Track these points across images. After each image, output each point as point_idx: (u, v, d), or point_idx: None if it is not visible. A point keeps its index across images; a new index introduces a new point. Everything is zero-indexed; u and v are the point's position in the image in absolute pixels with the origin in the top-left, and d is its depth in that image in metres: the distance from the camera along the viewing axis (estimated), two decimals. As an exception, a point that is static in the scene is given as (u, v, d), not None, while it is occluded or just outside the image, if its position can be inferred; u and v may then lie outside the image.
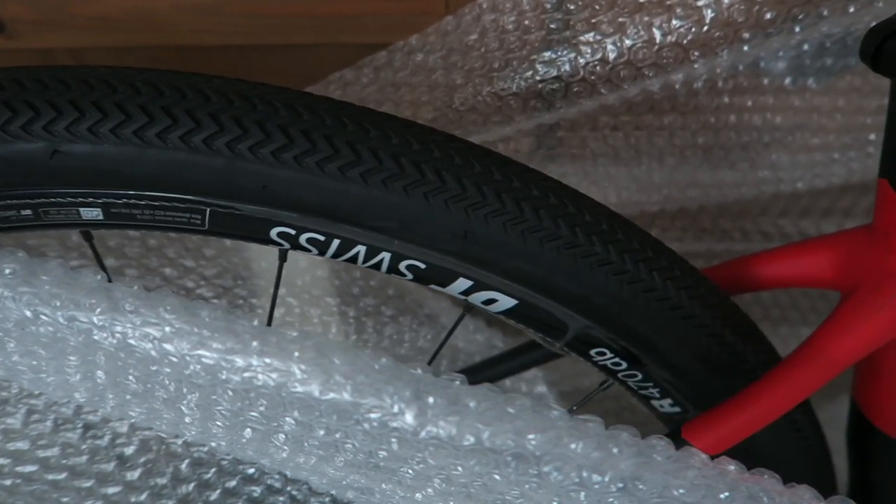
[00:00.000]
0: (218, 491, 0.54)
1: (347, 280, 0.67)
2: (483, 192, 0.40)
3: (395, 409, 0.34)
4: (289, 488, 0.53)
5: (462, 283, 0.44)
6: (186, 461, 0.53)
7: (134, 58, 0.64)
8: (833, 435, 0.61)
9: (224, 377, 0.35)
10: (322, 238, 0.42)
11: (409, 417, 0.34)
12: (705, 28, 0.49)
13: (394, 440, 0.35)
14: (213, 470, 0.53)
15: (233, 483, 0.54)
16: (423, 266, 0.43)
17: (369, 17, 0.59)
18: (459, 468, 0.35)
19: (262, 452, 0.41)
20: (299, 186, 0.39)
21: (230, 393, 0.36)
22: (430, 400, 0.34)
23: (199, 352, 0.35)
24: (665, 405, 0.53)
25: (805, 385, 0.45)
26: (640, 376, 0.50)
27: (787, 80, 0.60)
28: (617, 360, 0.49)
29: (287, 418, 0.37)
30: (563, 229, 0.42)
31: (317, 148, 0.38)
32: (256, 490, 0.54)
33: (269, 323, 0.53)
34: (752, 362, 0.49)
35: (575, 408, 0.60)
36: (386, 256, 0.43)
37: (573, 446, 0.33)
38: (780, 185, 0.64)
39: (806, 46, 0.57)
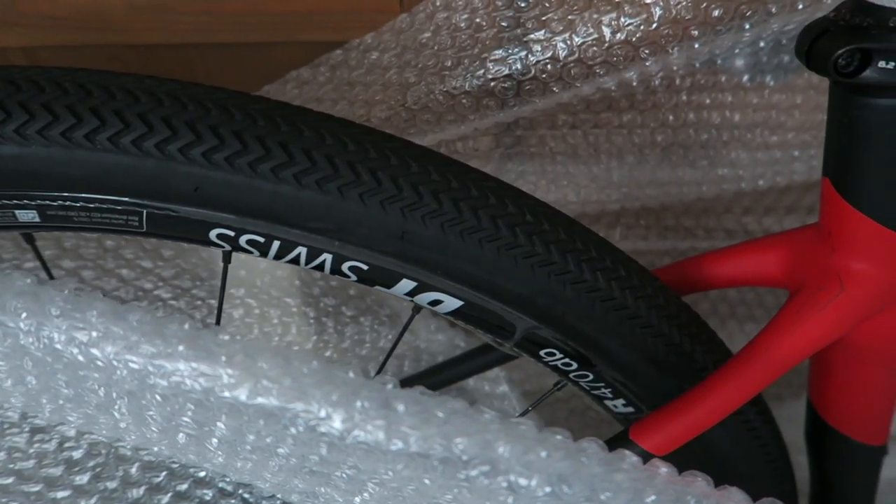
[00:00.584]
0: (169, 494, 0.53)
1: (308, 280, 0.67)
2: (420, 192, 0.40)
3: (322, 413, 0.34)
4: (240, 491, 0.52)
5: (406, 285, 0.44)
6: (136, 465, 0.52)
7: (89, 57, 0.64)
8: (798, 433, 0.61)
9: (152, 382, 0.35)
10: (262, 240, 0.41)
11: (336, 422, 0.34)
12: (654, 25, 0.49)
13: (323, 445, 0.35)
14: (164, 473, 0.53)
15: (184, 486, 0.53)
16: (365, 267, 0.43)
17: (324, 15, 0.59)
18: (390, 473, 0.35)
19: (201, 457, 0.41)
20: (232, 188, 0.38)
21: (158, 398, 0.36)
22: (358, 404, 0.34)
23: (127, 356, 0.35)
24: (618, 405, 0.52)
25: (751, 384, 0.44)
26: (591, 377, 0.50)
27: (745, 78, 0.60)
28: (567, 360, 0.49)
29: (218, 423, 0.36)
30: (503, 230, 0.41)
31: (249, 149, 0.38)
32: (208, 493, 0.53)
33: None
34: (701, 362, 0.48)
35: (530, 408, 0.60)
36: (328, 258, 0.43)
37: (501, 450, 0.33)
38: (740, 182, 0.64)
39: (762, 44, 0.57)
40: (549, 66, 0.51)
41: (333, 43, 0.60)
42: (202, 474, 0.53)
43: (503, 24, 0.52)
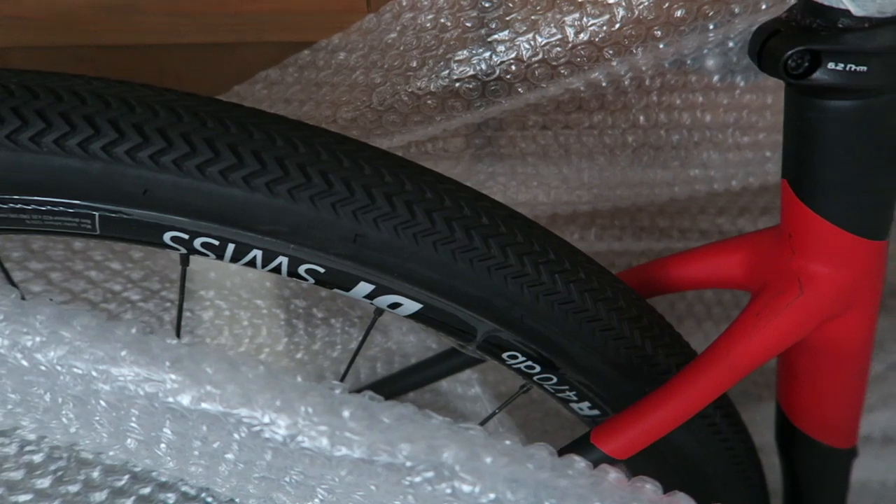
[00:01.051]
0: (132, 498, 0.53)
1: (279, 282, 0.67)
2: (372, 195, 0.39)
3: (266, 419, 0.33)
4: (203, 495, 0.52)
5: (364, 287, 0.43)
6: (98, 468, 0.52)
7: (56, 58, 0.63)
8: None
9: (96, 387, 0.35)
10: (216, 242, 0.41)
11: (279, 428, 0.33)
12: (617, 26, 0.48)
13: (268, 451, 0.34)
14: (127, 477, 0.52)
15: (147, 490, 0.53)
16: (322, 270, 0.42)
17: (291, 16, 0.59)
18: (336, 479, 0.34)
19: (154, 462, 0.41)
20: (182, 191, 0.38)
21: (104, 403, 0.35)
22: (303, 409, 0.34)
23: (71, 361, 0.35)
24: (584, 408, 0.52)
25: (711, 388, 0.44)
26: (555, 379, 0.50)
27: (715, 78, 0.60)
28: (530, 363, 0.48)
29: (164, 429, 0.36)
30: (458, 233, 0.41)
31: (197, 152, 0.37)
32: (171, 497, 0.53)
33: (178, 329, 0.52)
34: (664, 364, 0.48)
35: (497, 411, 0.60)
36: (284, 261, 0.42)
37: (446, 455, 0.33)
38: (713, 183, 0.64)
39: (731, 44, 0.56)
40: (513, 67, 0.51)
41: (302, 43, 0.60)
42: (164, 478, 0.52)
43: (467, 24, 0.51)
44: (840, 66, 0.34)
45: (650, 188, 0.63)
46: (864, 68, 0.34)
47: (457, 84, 0.52)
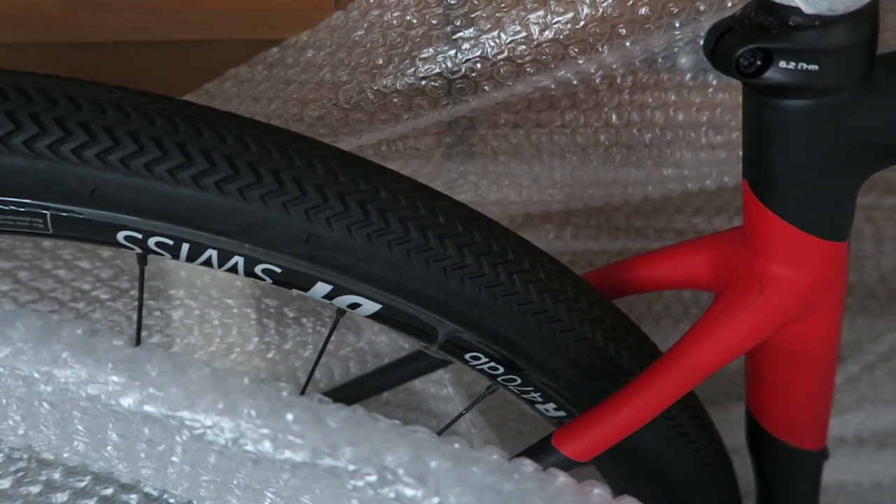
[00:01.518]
0: (94, 499, 0.52)
1: (249, 281, 0.66)
2: (325, 194, 0.39)
3: (208, 421, 0.33)
4: (165, 496, 0.52)
5: (322, 288, 0.43)
6: (59, 469, 0.51)
7: (25, 55, 0.63)
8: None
9: (38, 389, 0.34)
10: (170, 242, 0.40)
11: (222, 431, 0.33)
12: (581, 24, 0.48)
13: (212, 454, 0.34)
14: (89, 478, 0.52)
15: (109, 491, 0.52)
16: (279, 270, 0.42)
17: (259, 13, 0.58)
18: (281, 482, 0.34)
19: (106, 464, 0.40)
20: (130, 190, 0.37)
21: (46, 405, 0.35)
22: (246, 412, 0.33)
23: (13, 362, 0.34)
24: (550, 409, 0.52)
25: (672, 389, 0.44)
26: (519, 381, 0.49)
27: (688, 77, 0.59)
28: (493, 364, 0.48)
29: (109, 431, 0.36)
30: (413, 233, 0.41)
31: (145, 150, 0.37)
32: (133, 498, 0.52)
33: (138, 332, 0.52)
34: (628, 366, 0.48)
35: (464, 412, 0.59)
36: (239, 261, 0.42)
37: (389, 459, 0.32)
38: (687, 183, 0.63)
39: (702, 42, 0.56)
40: (478, 65, 0.50)
41: (271, 41, 0.59)
42: (126, 479, 0.52)
43: (433, 21, 0.51)
44: (792, 65, 0.34)
45: (623, 187, 0.62)
46: (816, 67, 0.33)
47: (423, 82, 0.52)
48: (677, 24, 0.48)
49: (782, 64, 0.34)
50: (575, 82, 0.56)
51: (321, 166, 0.39)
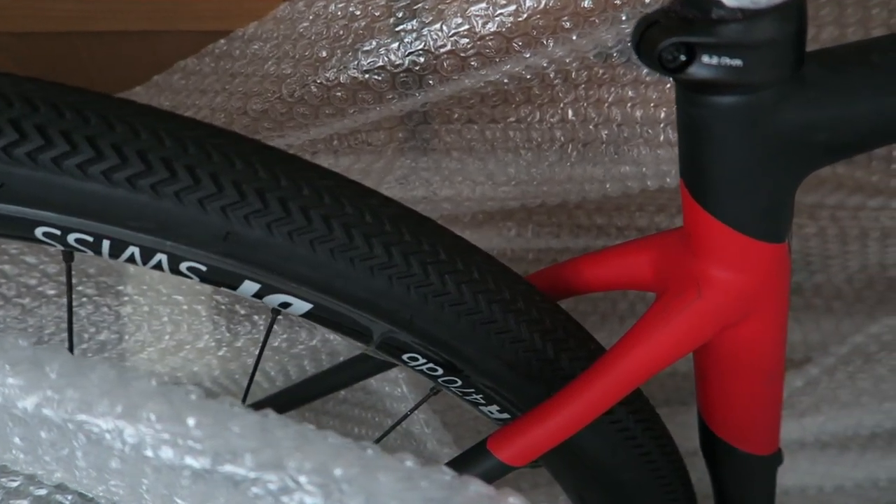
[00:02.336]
0: (28, 499, 0.51)
1: (200, 277, 0.65)
2: (242, 191, 0.38)
3: (106, 425, 0.32)
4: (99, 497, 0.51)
5: (250, 286, 0.42)
6: (-9, 470, 0.50)
7: (-31, 45, 0.62)
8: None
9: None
10: (90, 239, 0.39)
11: (121, 436, 0.32)
12: (524, 16, 0.47)
13: (113, 459, 0.33)
14: (21, 478, 0.51)
15: (42, 492, 0.51)
16: (203, 268, 0.41)
17: (205, 3, 0.57)
18: (185, 489, 0.33)
19: (18, 467, 0.39)
20: (38, 185, 0.36)
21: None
22: (146, 416, 0.32)
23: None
24: (493, 411, 0.50)
25: (608, 393, 0.42)
26: (459, 382, 0.48)
27: (645, 72, 0.58)
28: (431, 365, 0.47)
29: (13, 435, 0.35)
30: (337, 231, 0.39)
31: (52, 144, 0.35)
32: (68, 498, 0.51)
33: (70, 334, 0.50)
34: (567, 368, 0.46)
35: (409, 413, 0.58)
36: (163, 258, 0.40)
37: (291, 465, 0.31)
38: (646, 180, 0.62)
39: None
40: (421, 58, 0.49)
41: (218, 32, 0.58)
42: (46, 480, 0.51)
43: (376, 13, 0.50)
44: (715, 60, 0.32)
45: (580, 185, 0.61)
46: (740, 62, 0.32)
47: (366, 75, 0.51)
48: (624, 17, 0.47)
49: (705, 59, 0.32)
50: (528, 76, 0.54)
51: (240, 162, 0.38)
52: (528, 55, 0.49)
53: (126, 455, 0.33)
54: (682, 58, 0.32)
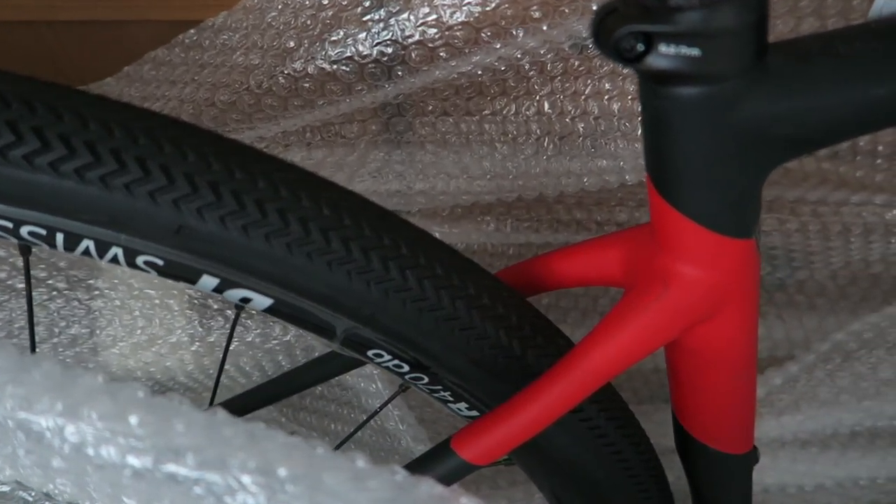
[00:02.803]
0: (-10, 496, 0.51)
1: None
2: (195, 183, 0.37)
3: (46, 423, 0.31)
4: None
5: (209, 281, 0.41)
6: (-48, 465, 0.50)
7: (-63, 35, 0.61)
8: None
9: None
10: (43, 232, 0.38)
11: (60, 434, 0.31)
12: (492, 5, 0.46)
13: (55, 457, 0.32)
14: (-17, 475, 0.50)
15: (6, 488, 0.51)
16: (160, 262, 0.40)
17: (174, -8, 0.56)
18: (129, 488, 0.32)
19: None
20: (-16, 176, 0.35)
21: None
22: (87, 413, 0.31)
23: None
24: (462, 409, 0.50)
25: (573, 390, 0.42)
26: (426, 379, 0.47)
27: (622, 65, 0.57)
28: (397, 362, 0.46)
29: (-47, 431, 0.34)
30: (293, 225, 0.38)
31: (-2, 135, 0.35)
32: (31, 494, 0.51)
33: (31, 333, 0.50)
34: (535, 366, 0.45)
35: (378, 410, 0.57)
36: (118, 252, 0.40)
37: (234, 464, 0.30)
38: (624, 174, 0.61)
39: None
40: (389, 49, 0.48)
41: (187, 22, 0.57)
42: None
43: (343, 2, 0.49)
44: (672, 50, 0.31)
45: (556, 179, 0.60)
46: (698, 52, 0.31)
47: (334, 66, 0.50)
48: (595, 7, 0.46)
49: (663, 48, 0.31)
50: (503, 68, 0.53)
51: (193, 154, 0.37)
52: (498, 46, 0.48)
53: (67, 454, 0.32)
54: (640, 47, 0.32)
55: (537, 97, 0.58)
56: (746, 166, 0.35)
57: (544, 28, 0.47)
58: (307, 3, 0.51)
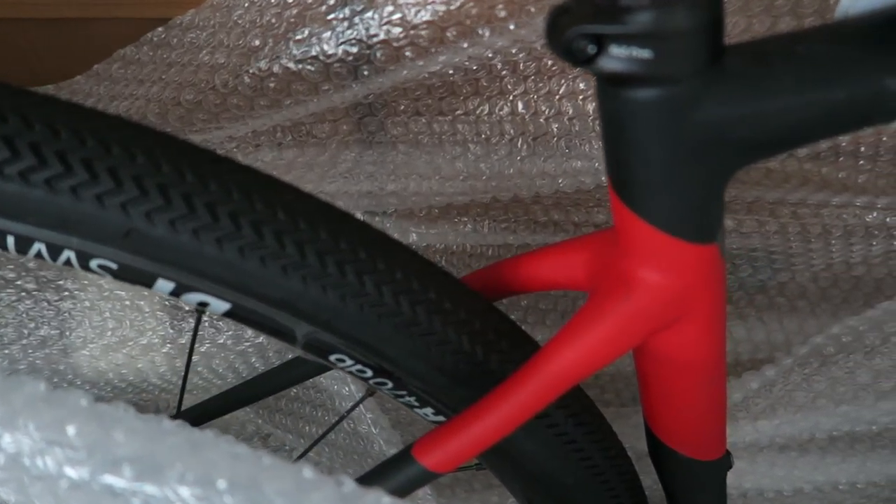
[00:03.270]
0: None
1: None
2: (143, 186, 0.36)
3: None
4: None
5: (164, 285, 0.40)
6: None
7: None
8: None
9: None
10: (-7, 234, 0.38)
11: (-4, 444, 0.30)
12: (456, 4, 0.45)
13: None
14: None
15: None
16: (114, 266, 0.39)
17: (143, -10, 0.55)
18: (67, 501, 0.31)
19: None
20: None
21: None
22: (23, 423, 0.30)
23: None
24: (428, 414, 0.49)
25: (536, 397, 0.41)
26: (390, 384, 0.46)
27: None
28: (359, 367, 0.45)
29: None
30: (245, 229, 0.38)
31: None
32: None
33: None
34: (498, 372, 0.45)
35: (346, 414, 0.56)
36: (71, 255, 0.39)
37: (173, 476, 0.29)
38: (599, 176, 0.60)
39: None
40: (354, 48, 0.47)
41: (155, 19, 0.56)
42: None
43: (307, 0, 0.48)
44: (624, 51, 0.30)
45: (530, 180, 0.59)
46: (650, 53, 0.30)
47: (298, 65, 0.49)
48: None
49: (614, 50, 0.30)
50: (474, 68, 0.53)
51: (143, 156, 0.36)
52: (465, 46, 0.47)
53: (3, 464, 0.31)
54: (592, 49, 0.31)
55: (511, 97, 0.58)
56: (705, 170, 0.34)
57: (511, 27, 0.46)
58: (272, 1, 0.50)
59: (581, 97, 0.59)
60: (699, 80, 0.31)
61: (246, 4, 0.52)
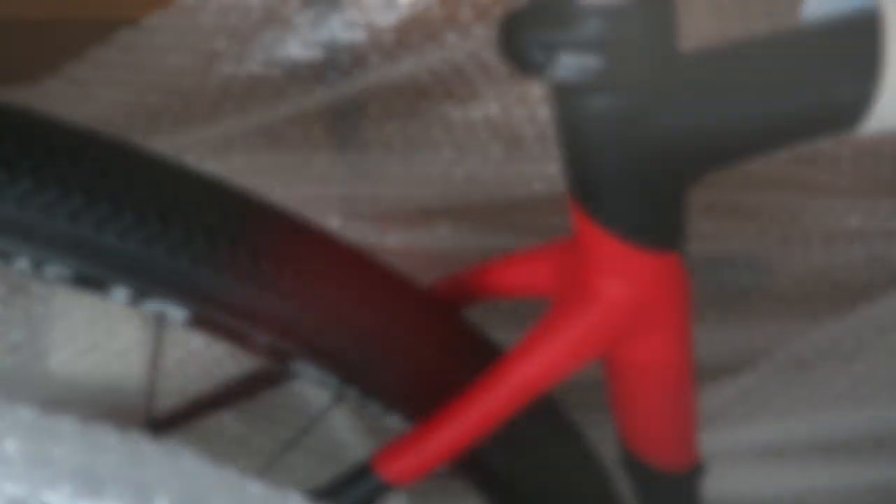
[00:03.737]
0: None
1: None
2: (92, 195, 0.35)
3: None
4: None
5: (120, 293, 0.40)
6: None
7: None
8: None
9: None
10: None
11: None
12: (421, 7, 0.44)
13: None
14: None
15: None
16: (69, 274, 0.39)
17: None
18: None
19: None
20: None
21: None
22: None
23: None
24: (396, 422, 0.48)
25: (497, 407, 0.40)
26: (355, 392, 0.46)
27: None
28: (322, 374, 0.45)
29: None
30: (198, 239, 0.37)
31: None
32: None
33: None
34: (462, 380, 0.44)
35: (311, 422, 0.56)
36: (25, 264, 0.38)
37: (111, 491, 0.29)
38: (575, 179, 0.59)
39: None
40: (318, 52, 0.47)
41: (121, 21, 0.55)
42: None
43: (271, 4, 0.47)
44: (573, 59, 0.30)
45: (505, 184, 0.59)
46: (600, 61, 0.30)
47: (263, 69, 0.48)
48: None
49: (564, 58, 0.30)
50: (445, 71, 0.52)
51: (90, 164, 0.36)
52: (431, 49, 0.46)
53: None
54: (542, 57, 0.30)
55: (485, 100, 0.57)
56: (660, 179, 0.34)
57: (476, 31, 0.45)
58: (236, 3, 0.50)
59: (556, 100, 0.58)
60: (652, 88, 0.31)
61: (213, 7, 0.51)
